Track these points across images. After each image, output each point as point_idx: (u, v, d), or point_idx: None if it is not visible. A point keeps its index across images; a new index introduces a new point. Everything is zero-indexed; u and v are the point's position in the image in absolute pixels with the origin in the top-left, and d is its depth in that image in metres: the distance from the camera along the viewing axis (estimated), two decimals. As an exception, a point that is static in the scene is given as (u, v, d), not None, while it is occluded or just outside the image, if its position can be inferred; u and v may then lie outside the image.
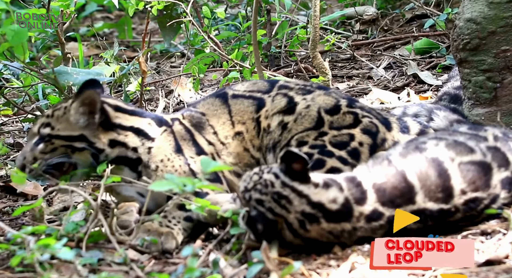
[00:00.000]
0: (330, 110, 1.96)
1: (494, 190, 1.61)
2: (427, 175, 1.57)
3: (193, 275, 1.49)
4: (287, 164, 1.62)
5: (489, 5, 2.24)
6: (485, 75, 2.29)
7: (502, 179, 1.63)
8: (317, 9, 2.47)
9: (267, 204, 1.60)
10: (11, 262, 1.67)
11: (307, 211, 1.59)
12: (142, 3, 2.42)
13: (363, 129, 1.95)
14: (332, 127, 1.94)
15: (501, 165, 1.64)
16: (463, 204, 1.57)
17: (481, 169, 1.60)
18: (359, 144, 1.94)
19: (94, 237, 1.86)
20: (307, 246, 1.68)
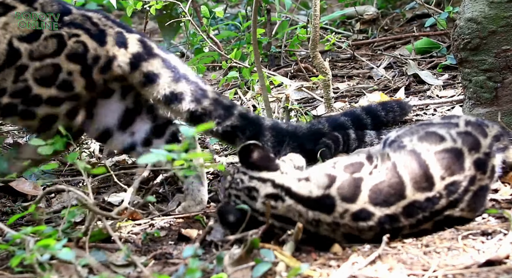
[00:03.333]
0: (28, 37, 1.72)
1: (470, 172, 1.70)
2: (412, 168, 1.64)
3: (194, 276, 1.48)
4: (247, 158, 1.71)
5: (489, 5, 2.23)
6: (485, 75, 2.29)
7: (475, 161, 1.71)
8: (317, 9, 2.46)
9: (242, 198, 1.72)
10: (11, 262, 1.67)
11: (270, 192, 1.67)
12: (140, 3, 2.41)
13: (69, 55, 1.75)
14: (33, 58, 1.71)
15: (472, 148, 1.73)
16: (444, 188, 1.65)
17: (453, 155, 1.68)
18: (67, 74, 1.75)
19: (95, 236, 1.86)
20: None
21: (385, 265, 1.64)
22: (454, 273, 1.59)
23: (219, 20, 3.41)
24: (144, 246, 1.91)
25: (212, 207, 2.16)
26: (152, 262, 1.80)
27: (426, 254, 1.72)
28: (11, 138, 2.98)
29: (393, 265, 1.64)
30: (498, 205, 1.94)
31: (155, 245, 1.92)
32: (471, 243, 1.75)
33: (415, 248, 1.75)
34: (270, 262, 1.58)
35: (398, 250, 1.74)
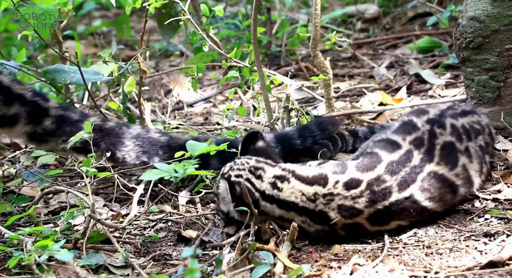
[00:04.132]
0: None
1: (424, 127, 1.90)
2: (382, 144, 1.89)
3: (194, 276, 1.47)
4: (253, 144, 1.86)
5: (492, 3, 2.21)
6: (488, 74, 2.27)
7: (426, 120, 1.94)
8: (318, 8, 2.44)
9: (245, 176, 1.79)
10: (8, 263, 1.65)
11: (278, 174, 1.78)
12: (139, 1, 2.39)
13: None
14: None
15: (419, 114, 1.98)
16: (409, 143, 1.86)
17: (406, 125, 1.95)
18: None
19: (94, 238, 1.85)
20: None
21: (387, 267, 1.63)
22: (456, 274, 1.58)
23: (219, 19, 3.39)
24: (143, 247, 1.89)
25: (212, 207, 2.15)
26: (151, 263, 1.79)
27: (427, 255, 1.71)
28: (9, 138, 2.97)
29: (394, 266, 1.63)
30: (500, 206, 1.92)
31: (154, 247, 1.91)
32: (474, 244, 1.73)
33: (416, 249, 1.74)
34: (269, 264, 1.57)
35: (399, 251, 1.73)
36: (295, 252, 1.76)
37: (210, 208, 2.14)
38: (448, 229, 1.84)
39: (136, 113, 2.69)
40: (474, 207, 1.95)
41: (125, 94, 2.45)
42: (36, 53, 3.69)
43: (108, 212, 2.09)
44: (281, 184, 1.76)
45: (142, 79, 2.39)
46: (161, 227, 2.02)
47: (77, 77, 2.30)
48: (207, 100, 3.21)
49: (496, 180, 2.05)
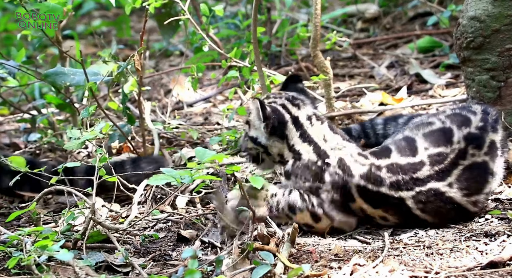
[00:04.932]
0: None
1: (458, 145, 1.82)
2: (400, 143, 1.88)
3: (194, 277, 1.46)
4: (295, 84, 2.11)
5: (493, 3, 2.21)
6: (489, 74, 2.27)
7: (465, 135, 1.83)
8: (318, 7, 2.44)
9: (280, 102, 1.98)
10: (8, 263, 1.65)
11: (316, 113, 1.97)
12: (139, 1, 2.39)
13: None
14: None
15: (461, 125, 1.87)
16: (428, 157, 1.80)
17: (441, 133, 1.85)
18: None
19: (94, 237, 1.84)
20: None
21: (387, 267, 1.62)
22: (457, 275, 1.58)
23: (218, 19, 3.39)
24: (143, 248, 1.89)
25: (212, 207, 2.14)
26: (151, 263, 1.79)
27: (428, 255, 1.70)
28: (8, 138, 2.96)
29: (395, 266, 1.63)
30: (501, 206, 1.92)
31: (154, 247, 1.90)
32: (474, 245, 1.73)
33: (417, 249, 1.74)
34: (269, 264, 1.57)
35: (400, 252, 1.73)
36: (295, 252, 1.76)
37: (210, 208, 2.14)
38: (448, 229, 1.83)
39: (136, 113, 2.69)
40: (475, 207, 1.94)
41: (125, 94, 2.44)
42: (35, 52, 3.69)
43: (108, 212, 2.09)
44: (315, 121, 1.92)
45: (141, 78, 2.39)
46: (161, 227, 2.02)
47: (77, 79, 2.30)
48: (207, 100, 3.21)
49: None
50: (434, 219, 1.82)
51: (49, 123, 2.77)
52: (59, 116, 3.01)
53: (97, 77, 2.29)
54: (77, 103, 2.91)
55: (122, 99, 2.45)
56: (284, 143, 1.93)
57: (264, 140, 1.94)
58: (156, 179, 1.62)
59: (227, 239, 1.81)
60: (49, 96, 2.72)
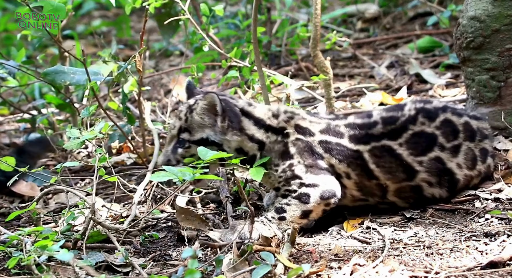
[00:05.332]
0: None
1: (409, 112, 1.98)
2: (357, 114, 2.11)
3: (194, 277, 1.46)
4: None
5: (493, 3, 2.21)
6: (489, 74, 2.27)
7: (417, 107, 1.98)
8: (318, 7, 2.44)
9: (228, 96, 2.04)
10: (8, 263, 1.65)
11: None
12: (139, 1, 2.38)
13: None
14: None
15: (418, 101, 2.04)
16: (381, 118, 1.97)
17: (395, 106, 2.07)
18: None
19: (94, 237, 1.84)
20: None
21: (387, 267, 1.62)
22: (457, 275, 1.58)
23: (218, 19, 3.39)
24: (143, 248, 1.89)
25: (212, 207, 2.14)
26: (151, 263, 1.79)
27: (428, 255, 1.70)
28: (8, 137, 2.96)
29: (395, 266, 1.62)
30: (501, 206, 1.92)
31: (154, 247, 1.90)
32: (474, 245, 1.73)
33: (417, 249, 1.73)
34: (270, 264, 1.57)
35: (400, 252, 1.73)
36: (295, 252, 1.76)
37: (210, 208, 2.13)
38: (448, 229, 1.83)
39: (136, 113, 2.69)
40: (475, 207, 1.94)
41: (125, 94, 2.44)
42: (35, 52, 3.69)
43: (108, 212, 2.08)
44: (255, 104, 1.97)
45: (141, 78, 2.39)
46: (161, 227, 2.02)
47: (76, 78, 2.30)
48: (207, 100, 3.20)
49: (496, 180, 2.04)
50: (386, 176, 1.91)
51: (49, 123, 2.77)
52: (59, 116, 3.01)
53: (97, 77, 2.29)
54: (77, 103, 2.91)
55: (122, 99, 2.45)
56: (243, 135, 1.90)
57: (220, 136, 1.89)
58: (158, 176, 1.60)
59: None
60: (49, 96, 2.72)
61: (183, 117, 1.92)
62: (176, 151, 1.91)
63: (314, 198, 1.85)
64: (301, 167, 1.88)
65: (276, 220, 1.87)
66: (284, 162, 1.88)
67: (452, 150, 1.94)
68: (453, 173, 1.94)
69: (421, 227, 1.86)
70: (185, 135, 1.91)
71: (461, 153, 1.95)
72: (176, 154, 1.91)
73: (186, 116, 1.92)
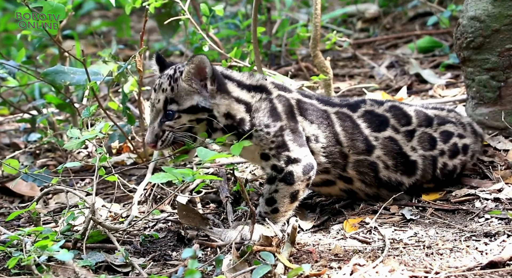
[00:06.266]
0: None
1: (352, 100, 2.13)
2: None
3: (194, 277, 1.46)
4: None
5: (493, 3, 2.21)
6: (489, 74, 2.27)
7: (356, 100, 2.11)
8: (318, 7, 2.44)
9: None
10: (8, 263, 1.65)
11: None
12: (139, 1, 2.39)
13: None
14: None
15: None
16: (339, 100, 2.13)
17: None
18: None
19: (94, 237, 1.84)
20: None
21: (387, 267, 1.62)
22: (457, 275, 1.58)
23: (218, 19, 3.39)
24: (143, 248, 1.89)
25: (212, 207, 2.14)
26: (151, 263, 1.79)
27: (428, 255, 1.70)
28: (8, 137, 2.96)
29: (395, 266, 1.63)
30: (501, 206, 1.92)
31: (154, 247, 1.90)
32: (474, 245, 1.73)
33: (417, 249, 1.74)
34: (270, 264, 1.57)
35: (400, 252, 1.73)
36: (296, 252, 1.76)
37: (210, 208, 2.13)
38: (448, 229, 1.83)
39: (136, 113, 2.69)
40: (475, 207, 1.94)
41: (125, 94, 2.44)
42: (35, 52, 3.69)
43: (107, 212, 2.08)
44: (231, 70, 1.97)
45: (141, 78, 2.39)
46: (161, 227, 2.02)
47: (77, 78, 2.30)
48: (207, 100, 3.20)
49: (496, 180, 2.04)
50: (349, 143, 1.97)
51: (49, 123, 2.77)
52: (59, 116, 3.01)
53: (97, 77, 2.29)
54: (77, 103, 2.91)
55: (122, 99, 2.44)
56: (230, 98, 1.87)
57: (209, 101, 1.85)
58: (158, 177, 1.60)
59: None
60: (49, 96, 2.72)
61: (167, 88, 1.85)
62: (164, 124, 1.84)
63: (297, 176, 1.87)
64: (288, 133, 1.89)
65: (270, 214, 1.87)
66: (275, 123, 1.88)
67: (406, 134, 2.01)
68: (408, 155, 1.99)
69: (421, 227, 1.86)
70: (173, 106, 1.83)
71: (415, 137, 2.01)
72: (163, 126, 1.84)
73: (171, 86, 1.84)
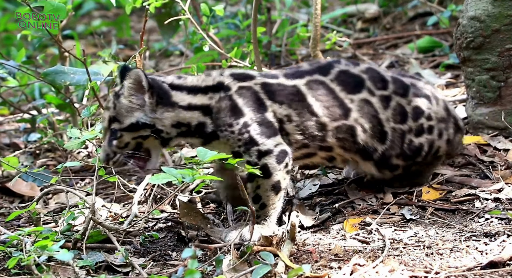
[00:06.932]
0: None
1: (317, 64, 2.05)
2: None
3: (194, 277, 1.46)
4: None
5: (493, 3, 2.21)
6: (489, 74, 2.27)
7: (327, 62, 2.05)
8: (318, 7, 2.44)
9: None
10: (8, 263, 1.65)
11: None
12: (140, 0, 2.39)
13: None
14: None
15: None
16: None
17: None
18: None
19: (94, 237, 1.84)
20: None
21: (387, 267, 1.62)
22: (457, 275, 1.58)
23: (219, 19, 3.39)
24: (143, 248, 1.89)
25: (212, 207, 2.14)
26: (151, 263, 1.79)
27: (428, 255, 1.70)
28: (8, 137, 2.96)
29: (394, 266, 1.63)
30: (501, 206, 1.92)
31: (154, 247, 1.90)
32: (474, 245, 1.73)
33: (417, 249, 1.74)
34: (270, 264, 1.57)
35: (400, 252, 1.73)
36: (296, 252, 1.76)
37: (210, 208, 2.13)
38: (448, 229, 1.83)
39: (136, 113, 2.68)
40: (475, 207, 1.94)
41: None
42: (35, 52, 3.69)
43: (107, 212, 2.09)
44: (184, 77, 1.92)
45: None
46: (161, 227, 2.02)
47: (77, 78, 2.30)
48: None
49: (496, 180, 2.04)
50: (325, 112, 1.91)
51: (49, 123, 2.77)
52: (59, 116, 3.01)
53: (97, 77, 2.29)
54: (77, 103, 2.91)
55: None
56: (176, 109, 1.82)
57: (150, 116, 1.81)
58: (158, 178, 1.60)
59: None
60: (49, 96, 2.72)
61: (111, 106, 1.83)
62: (112, 144, 1.83)
63: (272, 167, 1.82)
64: (254, 127, 1.83)
65: (260, 210, 1.86)
66: (237, 120, 1.83)
67: (382, 100, 1.95)
68: (382, 124, 1.95)
69: (421, 227, 1.86)
70: (115, 125, 1.82)
71: (390, 108, 1.96)
72: (112, 147, 1.83)
73: (113, 103, 1.83)
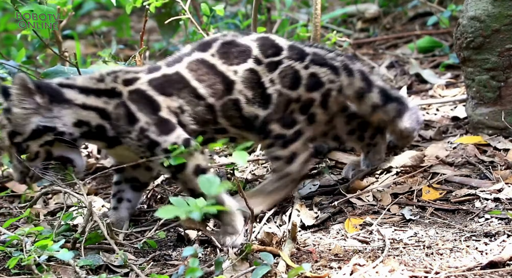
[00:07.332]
0: None
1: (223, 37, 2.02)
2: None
3: (195, 275, 1.46)
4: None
5: (493, 3, 2.21)
6: (489, 74, 2.27)
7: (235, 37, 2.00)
8: (318, 7, 2.44)
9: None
10: (8, 263, 1.65)
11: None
12: (140, 0, 2.39)
13: None
14: None
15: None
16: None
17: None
18: None
19: (92, 239, 1.84)
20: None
21: (387, 267, 1.62)
22: (457, 275, 1.58)
23: (219, 19, 3.39)
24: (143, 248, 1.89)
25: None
26: (151, 263, 1.79)
27: (428, 255, 1.70)
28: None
29: (394, 266, 1.63)
30: (501, 206, 1.92)
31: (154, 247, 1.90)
32: (474, 245, 1.73)
33: (417, 249, 1.74)
34: (269, 264, 1.57)
35: (400, 252, 1.73)
36: (296, 252, 1.76)
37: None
38: (448, 229, 1.84)
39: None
40: (475, 207, 1.94)
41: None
42: (35, 52, 3.69)
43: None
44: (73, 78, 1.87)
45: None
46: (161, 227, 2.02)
47: (76, 77, 2.30)
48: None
49: (496, 180, 2.04)
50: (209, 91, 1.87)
51: (49, 123, 2.76)
52: (59, 116, 3.00)
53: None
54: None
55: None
56: (72, 106, 1.76)
57: (48, 116, 1.74)
58: (165, 212, 1.46)
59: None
60: (49, 96, 2.71)
61: (6, 122, 1.76)
62: (21, 158, 1.76)
63: (183, 156, 1.75)
64: (152, 129, 1.78)
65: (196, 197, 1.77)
66: (133, 127, 1.78)
67: (269, 65, 1.89)
68: (265, 87, 1.89)
69: (421, 227, 1.86)
70: (17, 138, 1.75)
71: (277, 70, 1.90)
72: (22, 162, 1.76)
73: (7, 119, 1.76)
